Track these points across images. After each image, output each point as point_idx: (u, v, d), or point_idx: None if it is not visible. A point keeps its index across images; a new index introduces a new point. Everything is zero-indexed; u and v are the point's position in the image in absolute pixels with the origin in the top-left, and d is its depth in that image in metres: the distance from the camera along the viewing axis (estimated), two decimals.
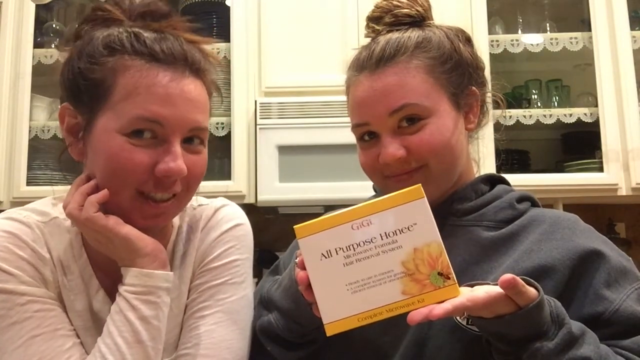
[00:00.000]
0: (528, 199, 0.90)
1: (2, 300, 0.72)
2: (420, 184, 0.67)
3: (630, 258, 0.83)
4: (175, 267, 0.85)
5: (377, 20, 0.88)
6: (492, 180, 0.91)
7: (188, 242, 0.87)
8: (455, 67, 0.85)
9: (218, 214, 0.89)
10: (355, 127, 0.87)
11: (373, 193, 1.00)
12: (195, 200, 0.90)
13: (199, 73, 0.79)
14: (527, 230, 0.83)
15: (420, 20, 0.87)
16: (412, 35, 0.85)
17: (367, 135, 0.86)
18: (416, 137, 0.82)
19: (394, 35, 0.85)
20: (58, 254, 0.79)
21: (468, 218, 0.86)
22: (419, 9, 0.87)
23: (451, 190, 0.88)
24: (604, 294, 0.76)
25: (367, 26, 0.89)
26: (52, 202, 0.84)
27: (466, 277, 0.80)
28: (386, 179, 0.86)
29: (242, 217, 0.91)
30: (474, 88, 0.88)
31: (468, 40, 0.90)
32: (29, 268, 0.75)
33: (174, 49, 0.76)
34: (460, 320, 0.77)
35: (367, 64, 0.84)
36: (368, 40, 0.89)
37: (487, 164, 2.06)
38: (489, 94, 0.94)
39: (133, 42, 0.75)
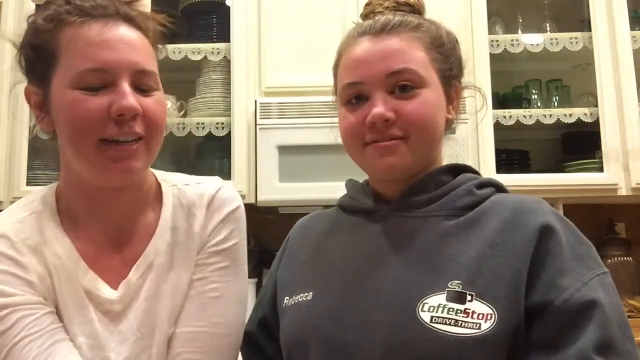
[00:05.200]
0: (491, 184, 0.88)
1: None
2: None
3: (592, 244, 0.79)
4: (180, 242, 0.88)
5: (379, 2, 0.90)
6: (455, 171, 0.89)
7: (192, 217, 0.90)
8: (449, 55, 0.88)
9: (220, 195, 0.92)
10: (346, 87, 0.86)
11: (345, 192, 0.99)
12: (190, 179, 0.95)
13: (134, 23, 0.83)
14: (489, 216, 0.81)
15: (417, 12, 0.90)
16: (414, 18, 0.88)
17: (354, 99, 0.86)
18: (408, 104, 0.82)
19: (397, 15, 0.87)
20: (45, 245, 0.82)
21: (427, 209, 0.85)
22: (417, 0, 0.91)
23: (412, 181, 0.87)
24: (557, 282, 0.73)
25: (367, 5, 0.91)
26: (28, 199, 0.87)
27: (424, 265, 0.79)
28: (366, 147, 0.85)
29: (239, 199, 0.96)
30: (458, 83, 0.90)
31: (457, 41, 0.92)
32: (10, 278, 0.78)
33: (104, 3, 0.81)
34: (423, 318, 0.74)
35: (371, 29, 0.86)
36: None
37: (487, 164, 2.08)
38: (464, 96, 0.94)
39: (66, 7, 0.80)
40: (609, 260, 2.23)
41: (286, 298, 0.90)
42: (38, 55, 0.80)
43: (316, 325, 0.82)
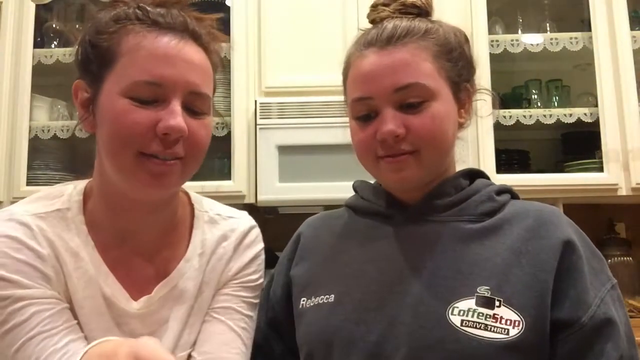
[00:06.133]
0: (507, 191, 0.90)
1: (1, 307, 0.73)
2: None
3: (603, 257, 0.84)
4: (206, 270, 0.89)
5: (385, 4, 0.89)
6: (471, 175, 0.92)
7: (221, 249, 0.91)
8: (458, 59, 0.87)
9: (252, 233, 0.96)
10: (355, 102, 0.86)
11: (353, 193, 0.99)
12: (222, 210, 0.95)
13: (200, 42, 0.81)
14: (510, 223, 0.84)
15: (424, 13, 0.89)
16: (421, 24, 0.86)
17: (364, 116, 0.85)
18: (418, 118, 0.82)
19: (403, 22, 0.86)
20: (65, 244, 0.80)
21: (449, 213, 0.86)
22: (425, 1, 0.89)
23: (431, 186, 0.88)
24: (583, 298, 0.77)
25: (374, 9, 0.90)
26: (54, 193, 0.85)
27: (451, 269, 0.80)
28: (379, 160, 0.85)
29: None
30: (468, 85, 0.90)
31: (466, 40, 0.92)
32: (28, 270, 0.75)
33: (175, 17, 0.79)
34: (453, 321, 0.76)
35: (377, 40, 0.85)
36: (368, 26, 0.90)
37: (487, 164, 2.08)
38: (476, 97, 0.95)
39: (136, 12, 0.79)
40: (609, 260, 2.22)
41: (303, 299, 0.90)
42: (96, 54, 0.78)
43: (339, 326, 0.83)
